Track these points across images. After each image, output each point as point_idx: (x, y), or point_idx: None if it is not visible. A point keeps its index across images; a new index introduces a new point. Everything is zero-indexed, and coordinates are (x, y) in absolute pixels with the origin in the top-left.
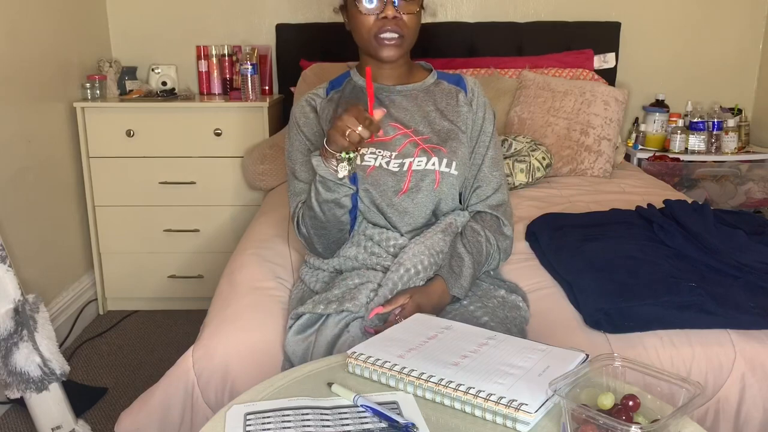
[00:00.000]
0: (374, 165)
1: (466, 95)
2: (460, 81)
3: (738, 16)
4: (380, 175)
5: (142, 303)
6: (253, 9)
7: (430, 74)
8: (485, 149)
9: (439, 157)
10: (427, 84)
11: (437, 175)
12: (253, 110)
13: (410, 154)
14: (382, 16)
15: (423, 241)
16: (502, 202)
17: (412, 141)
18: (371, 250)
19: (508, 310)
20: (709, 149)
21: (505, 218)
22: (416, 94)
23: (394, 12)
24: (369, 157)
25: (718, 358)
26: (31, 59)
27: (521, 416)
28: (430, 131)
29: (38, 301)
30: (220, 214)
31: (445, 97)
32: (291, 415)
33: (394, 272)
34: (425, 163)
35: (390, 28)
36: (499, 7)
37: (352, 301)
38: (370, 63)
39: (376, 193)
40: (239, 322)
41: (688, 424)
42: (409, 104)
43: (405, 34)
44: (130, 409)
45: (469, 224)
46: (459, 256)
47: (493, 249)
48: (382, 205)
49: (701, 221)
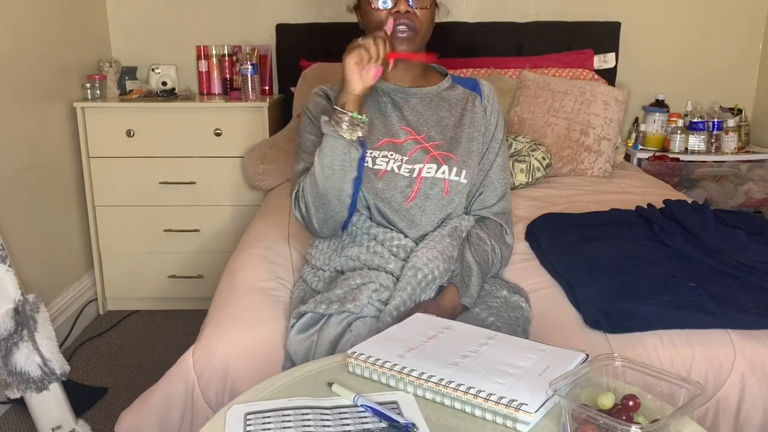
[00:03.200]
0: (386, 169)
1: (482, 101)
2: (476, 86)
3: (738, 16)
4: (392, 179)
5: (142, 303)
6: (253, 9)
7: (445, 78)
8: (494, 156)
9: (449, 165)
10: (442, 88)
11: (446, 184)
12: (253, 110)
13: (420, 160)
14: (395, 10)
15: (434, 245)
16: (505, 210)
17: (423, 147)
18: (374, 250)
19: (511, 311)
20: (709, 149)
21: (508, 226)
22: (431, 98)
23: (407, 6)
24: (381, 160)
25: (718, 358)
26: (31, 59)
27: (521, 416)
28: (442, 137)
29: (38, 301)
30: (220, 214)
31: (460, 102)
32: (291, 415)
33: (412, 277)
34: (435, 171)
35: (403, 21)
36: (499, 7)
37: (353, 302)
38: (385, 71)
39: (386, 198)
40: (239, 322)
41: (688, 424)
42: (422, 107)
43: (418, 28)
44: (130, 409)
45: (475, 231)
46: (468, 265)
47: (497, 258)
48: (389, 211)
49: (701, 221)
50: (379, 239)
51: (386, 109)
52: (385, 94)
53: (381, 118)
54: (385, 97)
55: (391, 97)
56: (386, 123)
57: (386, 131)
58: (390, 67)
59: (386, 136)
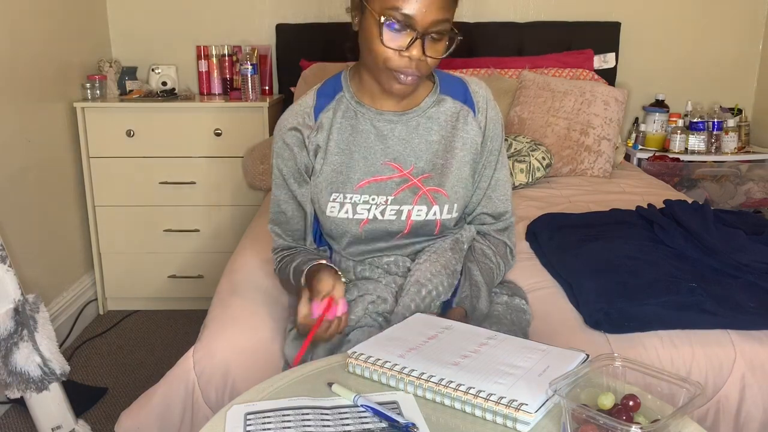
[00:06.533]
0: (367, 218)
1: (476, 116)
2: (467, 96)
3: (738, 16)
4: (375, 227)
5: (142, 303)
6: (253, 9)
7: (432, 89)
8: (492, 171)
9: (440, 204)
10: (429, 105)
11: (438, 223)
12: (253, 110)
13: (408, 201)
14: (406, 54)
15: (437, 258)
16: (508, 226)
17: (412, 186)
18: (362, 275)
19: (514, 315)
20: (709, 149)
21: (511, 242)
22: (417, 121)
23: (421, 54)
24: (362, 207)
25: (718, 358)
26: (31, 59)
27: (521, 416)
28: (432, 167)
29: (38, 301)
30: (220, 214)
31: (450, 120)
32: (291, 415)
33: (416, 293)
34: (426, 213)
35: (411, 70)
36: (499, 7)
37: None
38: (371, 81)
39: (369, 246)
40: (239, 323)
41: (689, 424)
42: (409, 134)
43: (423, 75)
44: (130, 409)
45: (481, 247)
46: (477, 285)
47: (501, 276)
48: (374, 252)
49: (701, 221)
50: (367, 263)
51: (368, 141)
52: (366, 121)
53: (361, 153)
54: (366, 125)
55: (374, 125)
56: (367, 159)
57: (366, 170)
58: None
59: (367, 176)
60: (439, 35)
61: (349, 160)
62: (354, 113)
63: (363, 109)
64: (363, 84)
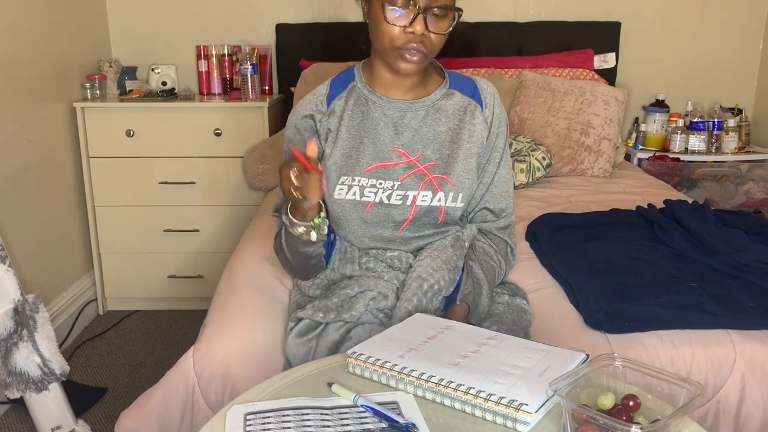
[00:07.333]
0: (374, 201)
1: (482, 111)
2: (475, 93)
3: (738, 16)
4: (381, 211)
5: (142, 303)
6: (253, 9)
7: (442, 83)
8: (495, 167)
9: (446, 191)
10: (438, 96)
11: (442, 211)
12: (253, 110)
13: (414, 186)
14: (410, 30)
15: (438, 255)
16: (509, 224)
17: (418, 172)
18: (366, 266)
19: (516, 315)
20: (709, 149)
21: (512, 242)
22: (426, 111)
23: (423, 29)
24: (369, 191)
25: (718, 358)
26: (31, 59)
27: (521, 416)
28: (438, 156)
29: (38, 301)
30: (220, 214)
31: (458, 112)
32: (291, 415)
33: (417, 288)
34: (431, 199)
35: (415, 45)
36: (499, 7)
37: (349, 312)
38: (383, 69)
39: (375, 231)
40: (239, 323)
41: (689, 424)
42: (418, 123)
43: (429, 52)
44: (129, 409)
45: (482, 245)
46: (479, 282)
47: (501, 275)
48: (378, 242)
49: (701, 221)
50: (372, 254)
51: (378, 127)
52: (377, 109)
53: (371, 139)
54: (377, 113)
55: (385, 113)
56: (376, 145)
57: (375, 155)
58: None
59: (375, 161)
60: (441, 11)
61: (359, 145)
62: (365, 101)
63: (374, 97)
64: (374, 75)
